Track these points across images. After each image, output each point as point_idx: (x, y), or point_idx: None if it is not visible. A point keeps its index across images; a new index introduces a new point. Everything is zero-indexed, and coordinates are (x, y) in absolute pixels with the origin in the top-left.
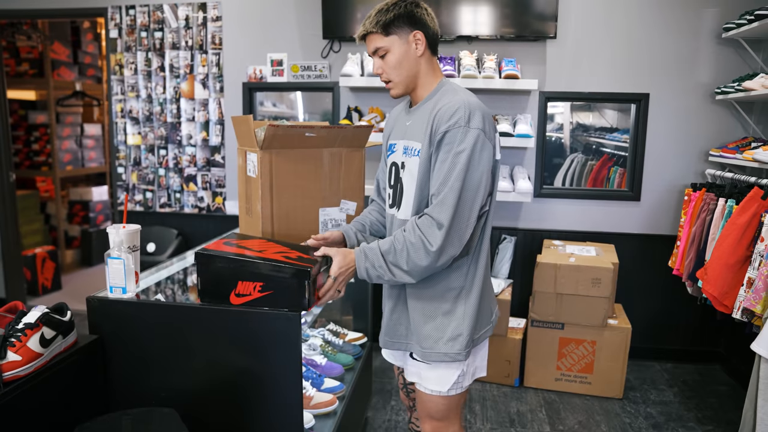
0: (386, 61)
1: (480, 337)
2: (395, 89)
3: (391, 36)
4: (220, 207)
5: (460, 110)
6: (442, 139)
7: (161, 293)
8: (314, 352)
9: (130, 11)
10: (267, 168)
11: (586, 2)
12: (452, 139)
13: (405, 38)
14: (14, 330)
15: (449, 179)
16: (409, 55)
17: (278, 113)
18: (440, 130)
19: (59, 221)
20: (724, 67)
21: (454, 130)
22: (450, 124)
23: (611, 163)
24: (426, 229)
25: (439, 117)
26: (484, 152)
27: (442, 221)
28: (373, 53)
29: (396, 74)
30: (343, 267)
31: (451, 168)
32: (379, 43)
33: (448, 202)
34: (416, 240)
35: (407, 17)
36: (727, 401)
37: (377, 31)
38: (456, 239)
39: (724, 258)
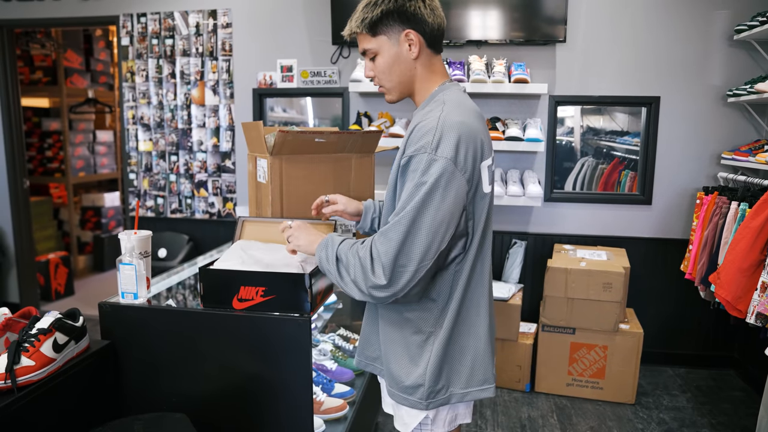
0: (376, 64)
1: (466, 395)
2: (389, 95)
3: (380, 36)
4: (230, 212)
5: (430, 133)
6: (406, 164)
7: (172, 299)
8: (324, 357)
9: (141, 19)
10: (277, 174)
11: (596, 6)
12: (416, 167)
13: (396, 38)
14: (28, 335)
15: (401, 211)
16: (401, 58)
17: (288, 118)
18: (406, 154)
19: (72, 227)
20: (736, 69)
21: (418, 157)
22: (416, 148)
23: (622, 167)
24: (375, 257)
25: (410, 138)
26: (451, 187)
27: (380, 255)
28: (363, 54)
29: (387, 80)
30: (307, 238)
31: (408, 199)
32: (366, 44)
33: (393, 237)
34: (364, 264)
35: (398, 13)
36: (742, 407)
37: (363, 32)
38: (398, 279)
39: (737, 262)
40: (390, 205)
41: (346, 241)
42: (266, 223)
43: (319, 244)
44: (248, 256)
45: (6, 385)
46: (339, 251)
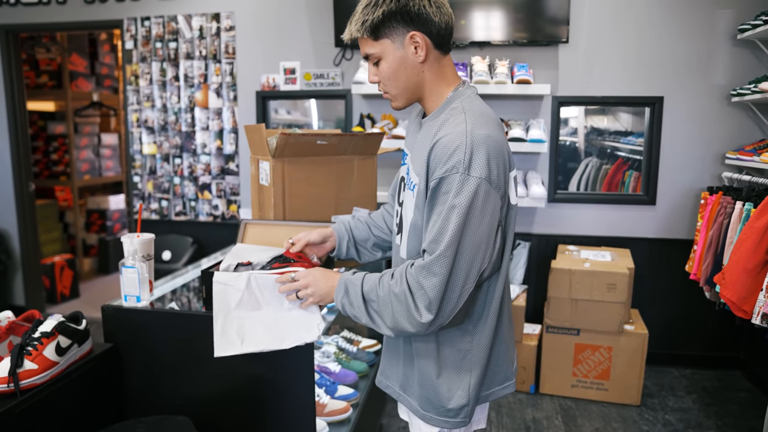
0: (380, 69)
1: (490, 395)
2: (395, 102)
3: (383, 40)
4: (234, 215)
5: (460, 150)
6: (437, 186)
7: (176, 301)
8: (328, 360)
9: (145, 23)
10: (279, 176)
11: (598, 6)
12: (448, 189)
13: (400, 41)
14: (31, 339)
15: (441, 240)
16: (406, 62)
17: (292, 120)
18: (435, 175)
19: (77, 230)
20: (740, 68)
21: (450, 177)
22: (447, 169)
23: (626, 167)
24: (416, 292)
25: (436, 156)
26: (488, 206)
27: (426, 291)
28: (365, 59)
29: (393, 86)
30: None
31: (444, 226)
32: (368, 49)
33: (438, 271)
34: (403, 301)
35: (401, 14)
36: (748, 408)
37: (364, 35)
38: (444, 311)
39: (742, 262)
40: (419, 227)
41: (367, 277)
42: (269, 226)
43: (337, 290)
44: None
45: (9, 388)
46: (366, 292)
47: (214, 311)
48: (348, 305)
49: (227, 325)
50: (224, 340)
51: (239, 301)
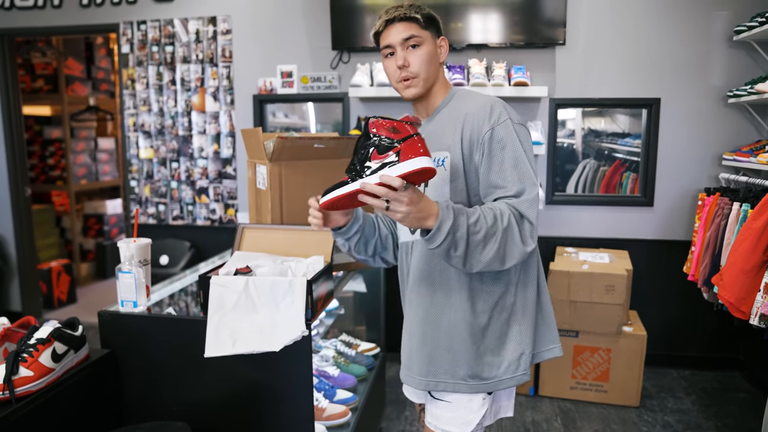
0: (416, 53)
1: (540, 354)
2: (416, 87)
3: (427, 30)
4: (232, 219)
5: (497, 106)
6: (491, 137)
7: (174, 306)
8: (327, 364)
9: (141, 26)
10: (276, 180)
11: (595, 8)
12: (502, 136)
13: (434, 39)
14: (26, 345)
15: (524, 177)
16: (436, 58)
17: (290, 124)
18: (483, 131)
19: (74, 235)
20: (736, 69)
21: (499, 126)
22: (494, 121)
23: (624, 169)
24: (523, 223)
25: (474, 119)
26: (530, 142)
27: (533, 222)
28: (405, 40)
29: (425, 69)
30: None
31: (517, 165)
32: (414, 31)
33: (534, 200)
34: (515, 232)
35: (437, 22)
36: (748, 409)
37: (417, 18)
38: (536, 237)
39: (739, 263)
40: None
41: (469, 210)
42: (266, 230)
43: (443, 214)
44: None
45: (4, 396)
46: (471, 223)
47: (210, 312)
48: (452, 235)
49: (221, 327)
50: (216, 340)
51: (236, 303)
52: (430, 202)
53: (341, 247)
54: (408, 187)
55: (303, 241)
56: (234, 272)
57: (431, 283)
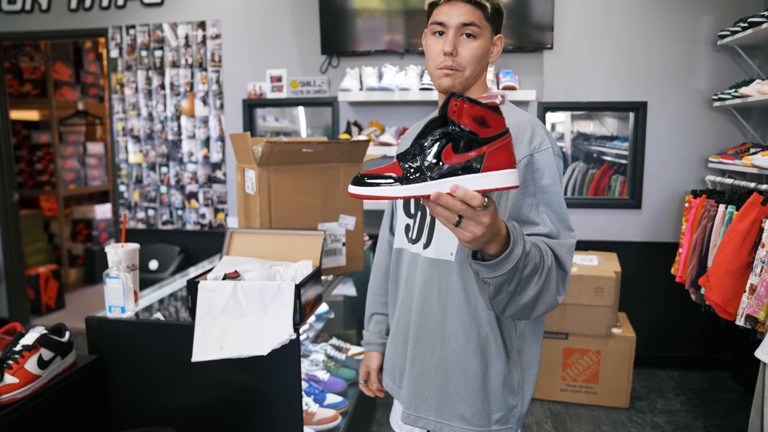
0: (471, 44)
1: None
2: (455, 79)
3: (488, 24)
4: (222, 223)
5: (539, 130)
6: (529, 163)
7: (163, 311)
8: (316, 368)
9: (130, 31)
10: (265, 184)
11: (582, 12)
12: (542, 165)
13: (491, 35)
14: (12, 352)
15: (564, 217)
16: (486, 55)
17: (280, 128)
18: (521, 154)
19: (63, 240)
20: (721, 73)
21: (540, 154)
22: (534, 146)
23: (612, 172)
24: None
25: (513, 137)
26: None
27: (567, 267)
28: (463, 25)
29: (472, 66)
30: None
31: (552, 202)
32: (475, 18)
33: (568, 243)
34: (552, 276)
35: (503, 17)
36: (735, 409)
37: (485, 6)
38: None
39: (725, 265)
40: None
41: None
42: (255, 235)
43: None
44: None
45: None
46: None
47: (198, 317)
48: (520, 261)
49: (209, 331)
50: (204, 345)
51: (223, 307)
52: (500, 222)
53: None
54: (489, 205)
55: (292, 245)
56: (222, 277)
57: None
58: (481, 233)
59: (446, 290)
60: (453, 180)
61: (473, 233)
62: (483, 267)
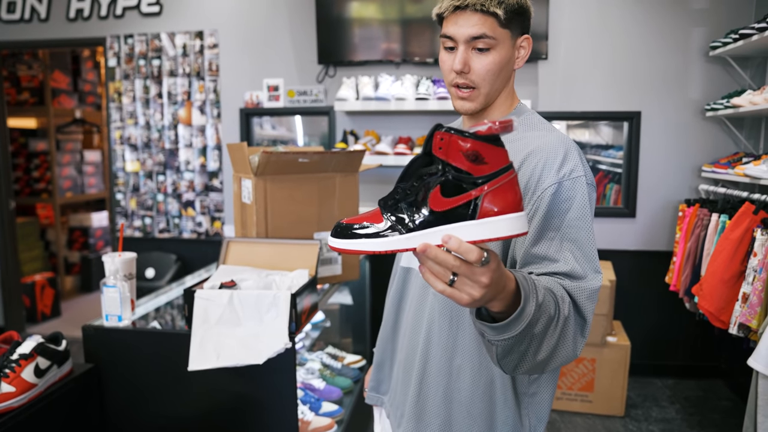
0: (483, 59)
1: None
2: (471, 102)
3: (505, 30)
4: (218, 232)
5: (573, 155)
6: (555, 192)
7: (160, 319)
8: (312, 376)
9: (128, 40)
10: (261, 194)
11: (576, 23)
12: (571, 195)
13: (514, 40)
14: (8, 361)
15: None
16: (509, 65)
17: (277, 136)
18: (546, 183)
19: (59, 248)
20: (714, 84)
21: (570, 183)
22: (564, 174)
23: (607, 180)
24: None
25: (539, 162)
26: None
27: (588, 319)
28: (472, 39)
29: (488, 82)
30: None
31: (580, 235)
32: (487, 29)
33: (591, 286)
34: (570, 326)
35: (527, 13)
36: (730, 417)
37: (496, 12)
38: None
39: (718, 273)
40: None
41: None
42: (251, 244)
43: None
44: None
45: None
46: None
47: (194, 326)
48: (534, 322)
49: (205, 340)
50: (200, 354)
51: (220, 316)
52: (506, 275)
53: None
54: (489, 260)
55: (288, 254)
56: (219, 286)
57: None
58: (480, 296)
59: (458, 322)
60: (444, 229)
61: (471, 295)
62: (488, 329)
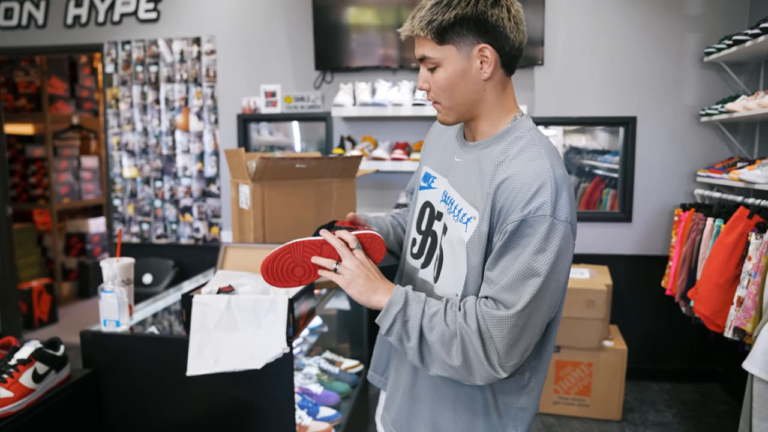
0: (435, 77)
1: None
2: (445, 116)
3: (447, 46)
4: (216, 237)
5: (545, 190)
6: (517, 228)
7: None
8: (310, 381)
9: (125, 46)
10: (259, 199)
11: (572, 29)
12: (531, 232)
13: (467, 52)
14: (6, 366)
15: (523, 293)
16: (468, 77)
17: (274, 142)
18: (512, 217)
19: (56, 254)
20: (708, 89)
21: (534, 220)
22: (530, 210)
23: (603, 185)
24: (486, 340)
25: (511, 192)
26: (568, 253)
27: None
28: (420, 60)
29: (446, 98)
30: (364, 285)
31: (526, 275)
32: (427, 51)
33: (516, 323)
34: (474, 340)
35: (475, 22)
36: (727, 421)
37: (427, 36)
38: (511, 363)
39: (714, 277)
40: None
41: (429, 301)
42: (249, 249)
43: (391, 303)
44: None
45: None
46: (425, 319)
47: (192, 331)
48: (401, 323)
49: (203, 345)
50: (198, 359)
51: (218, 321)
52: (383, 280)
53: None
54: (360, 248)
55: None
56: (217, 291)
57: None
58: (353, 267)
59: None
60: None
61: (348, 269)
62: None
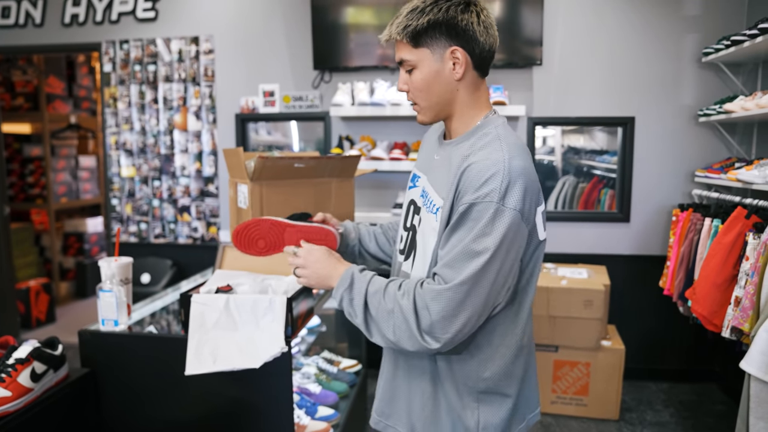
0: (412, 78)
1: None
2: (422, 115)
3: (422, 49)
4: (214, 237)
5: (496, 178)
6: (466, 211)
7: (155, 324)
8: (308, 381)
9: (123, 46)
10: (257, 199)
11: (571, 29)
12: (478, 216)
13: (440, 54)
14: (4, 365)
15: (462, 270)
16: (442, 77)
17: (273, 141)
18: (465, 200)
19: (54, 253)
20: (706, 89)
21: (482, 205)
22: (479, 195)
23: (602, 185)
24: (421, 312)
25: (468, 179)
26: (516, 240)
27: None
28: (399, 64)
29: (423, 98)
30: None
31: (467, 255)
32: (404, 54)
33: (453, 297)
34: (407, 318)
35: (446, 26)
36: (724, 421)
37: (403, 40)
38: (448, 337)
39: (711, 277)
40: (435, 253)
41: (374, 280)
42: None
43: (341, 280)
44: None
45: None
46: (369, 294)
47: (191, 330)
48: (347, 301)
49: (202, 345)
50: (197, 358)
51: (216, 321)
52: (336, 264)
53: None
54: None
55: (283, 259)
56: (215, 291)
57: None
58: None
59: None
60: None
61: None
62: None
